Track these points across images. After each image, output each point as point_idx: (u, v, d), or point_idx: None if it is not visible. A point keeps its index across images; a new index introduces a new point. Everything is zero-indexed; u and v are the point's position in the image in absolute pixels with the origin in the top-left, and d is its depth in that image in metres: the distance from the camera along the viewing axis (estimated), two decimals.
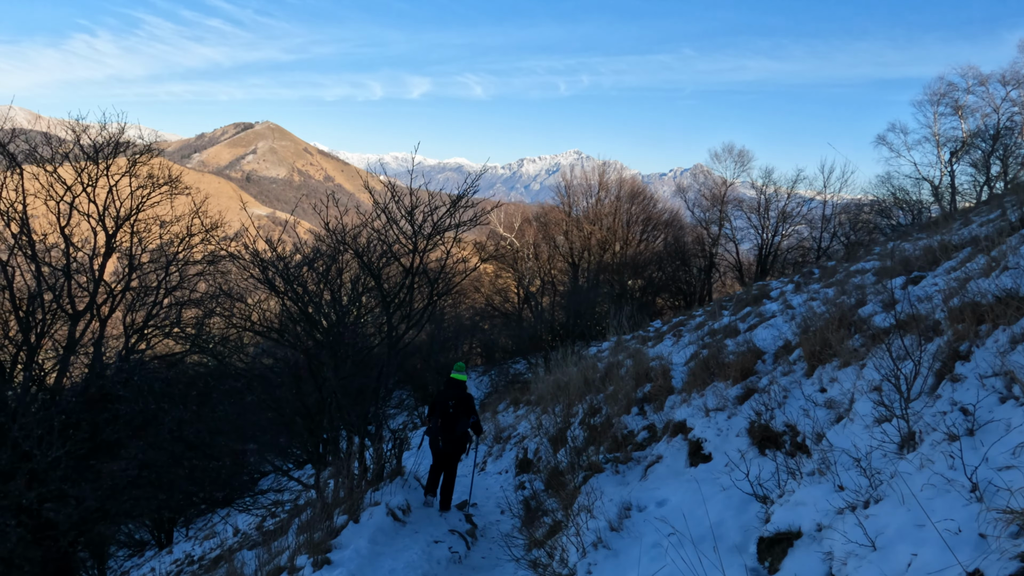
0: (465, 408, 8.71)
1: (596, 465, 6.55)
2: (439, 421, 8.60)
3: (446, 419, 8.57)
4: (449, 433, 8.58)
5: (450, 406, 8.57)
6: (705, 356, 7.52)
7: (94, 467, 10.41)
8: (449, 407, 8.58)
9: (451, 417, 8.57)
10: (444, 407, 8.63)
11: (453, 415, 8.58)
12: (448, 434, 8.58)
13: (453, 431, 8.58)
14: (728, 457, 5.32)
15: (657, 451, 6.34)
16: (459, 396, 8.68)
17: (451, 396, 8.63)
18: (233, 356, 11.09)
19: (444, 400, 8.67)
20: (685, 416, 6.25)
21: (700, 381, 6.98)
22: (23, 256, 14.14)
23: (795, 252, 41.05)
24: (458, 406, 8.62)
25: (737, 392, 5.95)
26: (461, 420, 8.65)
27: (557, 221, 45.08)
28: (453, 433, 8.59)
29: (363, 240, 9.16)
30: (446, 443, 8.62)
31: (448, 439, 8.61)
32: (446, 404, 8.61)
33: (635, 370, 9.72)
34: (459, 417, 8.63)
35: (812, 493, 3.55)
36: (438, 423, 8.60)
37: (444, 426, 8.56)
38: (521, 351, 33.26)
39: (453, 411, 8.57)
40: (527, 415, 17.14)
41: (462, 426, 8.66)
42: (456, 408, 8.60)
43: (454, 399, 8.60)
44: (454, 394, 8.65)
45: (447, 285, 9.54)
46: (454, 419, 8.59)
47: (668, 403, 7.71)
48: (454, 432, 8.59)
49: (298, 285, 8.55)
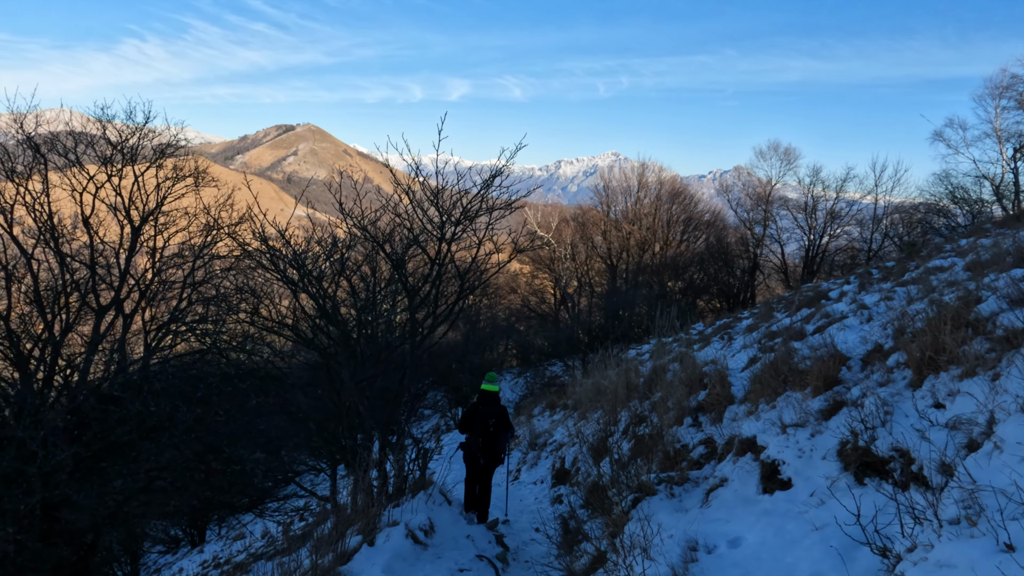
0: (503, 424, 8.55)
1: (647, 486, 5.60)
2: (480, 441, 8.32)
3: (487, 438, 8.33)
4: (490, 452, 8.40)
5: (491, 425, 8.32)
6: (772, 361, 6.50)
7: (105, 470, 9.82)
8: (490, 426, 8.32)
9: (492, 436, 8.35)
10: (484, 425, 8.33)
11: (493, 433, 8.36)
12: (488, 453, 8.40)
13: (494, 449, 8.42)
14: (814, 485, 4.35)
15: (720, 472, 5.38)
16: (498, 413, 8.47)
17: (490, 413, 8.37)
18: (251, 356, 10.42)
19: (483, 418, 8.36)
20: (754, 431, 5.27)
21: (769, 390, 5.98)
22: (47, 248, 13.74)
23: (843, 254, 39.29)
24: (498, 424, 8.43)
25: (820, 405, 4.95)
26: (501, 436, 8.49)
27: (595, 221, 44.02)
28: (494, 451, 8.43)
29: (384, 225, 8.37)
30: (482, 459, 8.43)
31: (488, 457, 8.43)
32: (486, 422, 8.33)
33: (686, 375, 8.74)
34: (499, 434, 8.46)
35: (964, 552, 2.58)
36: (479, 443, 8.33)
37: (485, 445, 8.33)
38: (557, 353, 32.47)
39: (494, 430, 8.35)
40: (564, 420, 16.29)
41: (502, 442, 8.54)
42: (496, 426, 8.39)
43: (494, 417, 8.37)
44: (493, 411, 8.41)
45: (478, 279, 8.68)
46: (495, 437, 8.40)
47: (728, 414, 6.72)
48: (494, 450, 8.44)
49: (310, 276, 7.78)
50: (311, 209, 13.27)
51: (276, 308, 9.64)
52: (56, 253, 13.37)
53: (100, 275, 14.38)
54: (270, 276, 8.97)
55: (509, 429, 8.64)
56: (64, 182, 14.32)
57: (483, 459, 8.33)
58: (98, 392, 10.81)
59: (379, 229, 8.30)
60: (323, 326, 8.32)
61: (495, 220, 8.16)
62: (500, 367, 37.59)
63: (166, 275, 15.40)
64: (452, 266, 8.33)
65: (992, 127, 32.36)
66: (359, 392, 7.63)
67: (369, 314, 8.17)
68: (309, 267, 7.97)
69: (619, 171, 47.75)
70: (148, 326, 13.80)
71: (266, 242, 7.75)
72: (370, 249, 8.44)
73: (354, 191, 8.14)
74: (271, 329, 9.07)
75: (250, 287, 11.84)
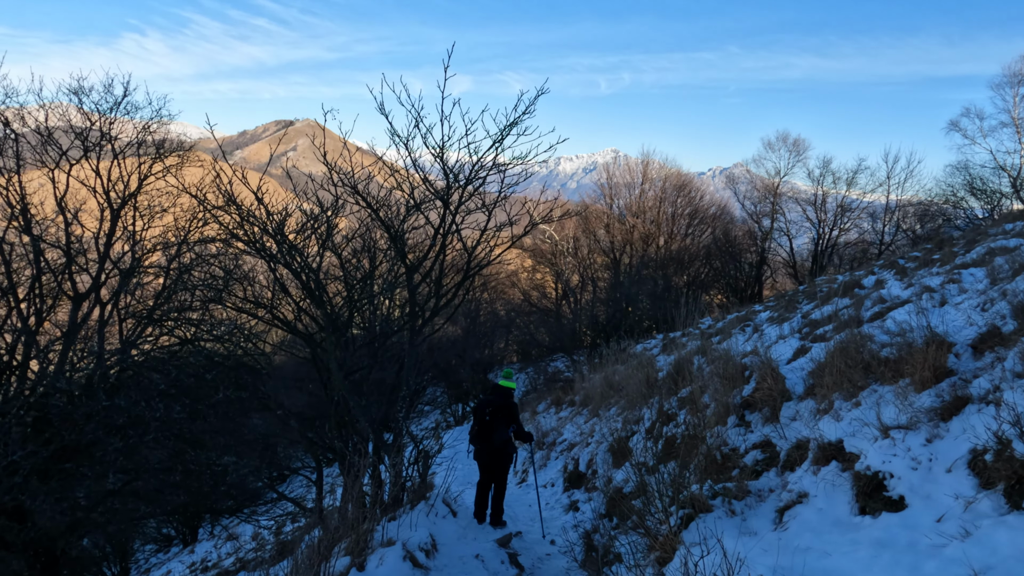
0: (505, 416, 7.99)
1: (700, 500, 4.56)
2: (476, 428, 7.96)
3: (482, 427, 7.92)
4: (486, 443, 7.92)
5: (487, 413, 7.90)
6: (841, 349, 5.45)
7: (69, 472, 8.77)
8: (486, 414, 7.90)
9: (487, 425, 7.90)
10: (481, 414, 7.95)
11: (490, 423, 7.90)
12: (485, 443, 7.93)
13: (490, 440, 7.91)
14: (939, 506, 3.31)
15: (795, 484, 4.33)
16: (497, 403, 7.97)
17: (489, 403, 7.95)
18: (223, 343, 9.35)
19: (483, 407, 7.97)
20: (839, 434, 4.22)
21: (846, 382, 4.93)
22: (18, 231, 12.67)
23: (854, 247, 38.23)
24: (495, 413, 7.93)
25: (931, 401, 3.91)
26: (499, 428, 7.93)
27: (598, 214, 42.90)
28: (491, 443, 7.91)
29: (381, 193, 7.24)
30: (484, 453, 7.97)
31: (485, 449, 7.96)
32: (483, 412, 7.94)
33: (723, 368, 7.69)
34: (496, 425, 7.92)
35: None
36: (475, 429, 7.98)
37: (480, 433, 7.93)
38: (560, 348, 31.45)
39: (490, 419, 7.89)
40: (572, 417, 15.32)
41: (500, 435, 7.93)
42: (493, 416, 7.90)
43: (492, 406, 7.92)
44: (494, 400, 7.97)
45: (487, 256, 7.58)
46: (490, 427, 7.91)
47: (785, 412, 5.68)
48: (491, 442, 7.91)
49: (289, 245, 6.64)
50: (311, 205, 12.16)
51: (252, 288, 8.51)
52: (28, 234, 12.32)
53: (76, 261, 13.34)
54: (247, 253, 7.84)
55: (513, 422, 8.04)
56: (36, 160, 13.27)
57: (477, 450, 7.94)
58: (61, 384, 9.76)
59: (373, 196, 7.16)
60: (306, 308, 7.26)
61: (507, 188, 7.00)
62: (501, 362, 36.62)
63: (147, 260, 14.36)
64: (458, 239, 7.24)
65: (1010, 116, 31.33)
66: (349, 386, 6.56)
67: (361, 294, 7.09)
68: (289, 235, 6.86)
69: (622, 164, 46.66)
70: (124, 314, 12.76)
71: (233, 201, 6.60)
72: (364, 218, 7.33)
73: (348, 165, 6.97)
74: (244, 310, 7.96)
75: (229, 270, 10.79)
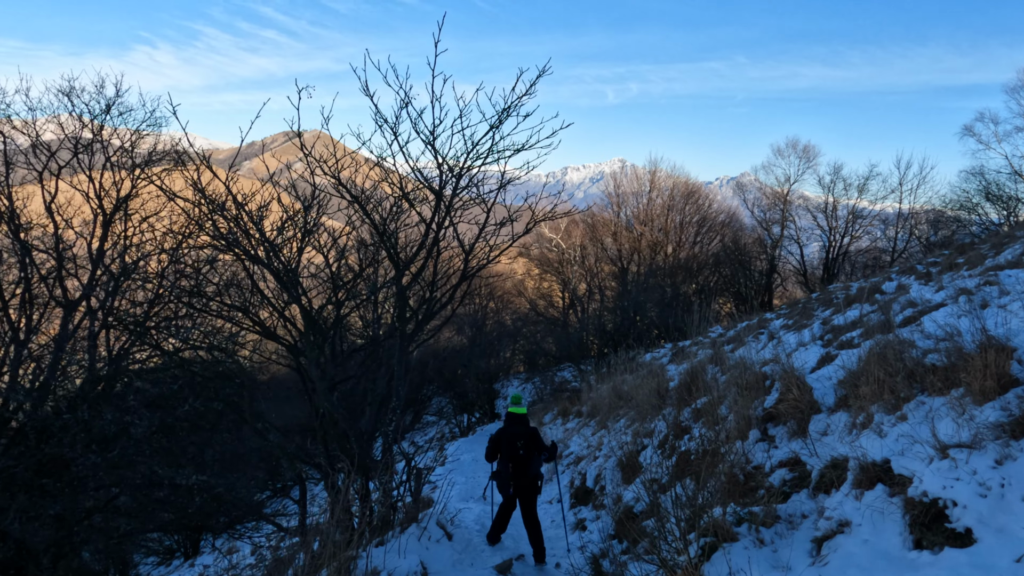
0: (535, 445, 7.66)
1: (723, 527, 4.00)
2: (510, 467, 7.54)
3: (517, 463, 7.51)
4: (522, 478, 7.54)
5: (519, 447, 7.50)
6: (877, 355, 4.88)
7: (45, 489, 8.26)
8: (519, 449, 7.49)
9: (522, 460, 7.52)
10: (512, 449, 7.52)
11: (524, 456, 7.52)
12: (521, 479, 7.55)
13: (527, 474, 7.56)
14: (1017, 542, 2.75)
15: (833, 510, 3.76)
16: (527, 433, 7.61)
17: (518, 435, 7.55)
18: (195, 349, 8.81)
19: (511, 441, 7.54)
20: (884, 453, 3.67)
21: (887, 393, 4.37)
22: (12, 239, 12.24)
23: (866, 255, 37.53)
24: (528, 445, 7.57)
25: (997, 416, 3.34)
26: (534, 459, 7.61)
27: (605, 223, 42.38)
28: (527, 477, 7.56)
29: (367, 186, 6.67)
30: (519, 489, 7.57)
31: (522, 484, 7.56)
32: (514, 445, 7.52)
33: (741, 378, 7.12)
34: (531, 457, 7.59)
35: None
36: (509, 468, 7.55)
37: (516, 471, 7.52)
38: (567, 357, 30.88)
39: (524, 452, 7.51)
40: (579, 429, 14.77)
41: (536, 465, 7.60)
42: (526, 448, 7.54)
43: (522, 438, 7.55)
44: (521, 431, 7.59)
45: (487, 256, 6.99)
46: (526, 461, 7.55)
47: (814, 426, 5.12)
48: (527, 475, 7.56)
49: (261, 237, 6.07)
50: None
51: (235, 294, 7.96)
52: (15, 239, 11.90)
53: (67, 267, 12.91)
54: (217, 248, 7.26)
55: (543, 450, 7.69)
56: (25, 163, 12.85)
57: (515, 486, 7.48)
58: (18, 398, 9.23)
59: (360, 190, 6.59)
60: (289, 314, 6.69)
61: (507, 180, 6.41)
62: (507, 372, 36.07)
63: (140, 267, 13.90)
64: (454, 235, 6.65)
65: None
66: (337, 397, 6.00)
67: (348, 295, 6.54)
68: (268, 233, 6.31)
69: (630, 172, 46.12)
70: (111, 323, 12.27)
71: (201, 190, 6.04)
72: (351, 215, 6.76)
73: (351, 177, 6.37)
74: (222, 315, 7.40)
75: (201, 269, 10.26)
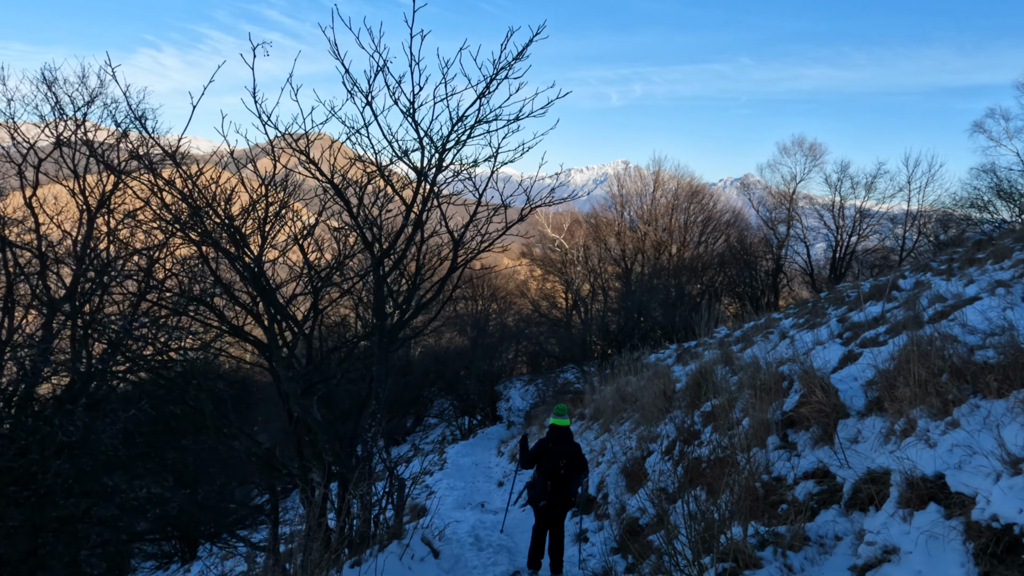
0: (577, 464, 7.23)
1: (744, 552, 3.46)
2: (548, 484, 7.14)
3: (556, 481, 7.12)
4: (558, 495, 7.16)
5: (561, 466, 7.08)
6: (917, 353, 4.32)
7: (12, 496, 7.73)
8: (560, 468, 7.08)
9: (562, 480, 7.12)
10: (554, 467, 7.09)
11: (564, 476, 7.12)
12: (557, 496, 7.16)
13: (564, 493, 7.19)
14: None
15: (876, 534, 3.21)
16: (570, 452, 7.18)
17: (561, 453, 7.12)
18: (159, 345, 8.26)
19: (554, 459, 7.11)
20: (939, 466, 3.13)
21: (929, 394, 3.83)
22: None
23: (873, 254, 36.90)
24: (569, 465, 7.14)
25: None
26: (573, 479, 7.20)
27: (609, 222, 41.86)
28: (563, 494, 7.19)
29: (341, 166, 5.99)
30: (552, 505, 7.15)
31: (557, 501, 7.17)
32: (556, 464, 7.10)
33: (756, 378, 6.57)
34: (571, 477, 7.18)
35: None
36: (547, 485, 7.14)
37: (555, 489, 7.13)
38: (570, 358, 30.36)
39: (565, 472, 7.10)
40: (582, 432, 14.29)
41: (574, 486, 7.21)
42: (568, 467, 7.12)
43: (565, 457, 7.12)
44: (565, 450, 7.15)
45: (479, 246, 6.35)
46: (565, 480, 7.15)
47: (842, 432, 4.57)
48: (565, 494, 7.20)
49: (218, 216, 5.46)
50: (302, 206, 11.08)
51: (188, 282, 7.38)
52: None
53: (49, 267, 12.42)
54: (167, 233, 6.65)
55: (583, 471, 7.28)
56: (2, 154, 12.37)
57: (548, 503, 7.09)
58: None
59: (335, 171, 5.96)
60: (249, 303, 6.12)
61: (499, 158, 5.78)
62: (510, 374, 35.55)
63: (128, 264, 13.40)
64: (440, 217, 5.99)
65: None
66: (303, 400, 5.44)
67: (322, 285, 5.98)
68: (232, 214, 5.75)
69: (634, 171, 45.55)
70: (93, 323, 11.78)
71: (149, 164, 5.47)
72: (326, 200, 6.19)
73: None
74: (172, 308, 6.81)
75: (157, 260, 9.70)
